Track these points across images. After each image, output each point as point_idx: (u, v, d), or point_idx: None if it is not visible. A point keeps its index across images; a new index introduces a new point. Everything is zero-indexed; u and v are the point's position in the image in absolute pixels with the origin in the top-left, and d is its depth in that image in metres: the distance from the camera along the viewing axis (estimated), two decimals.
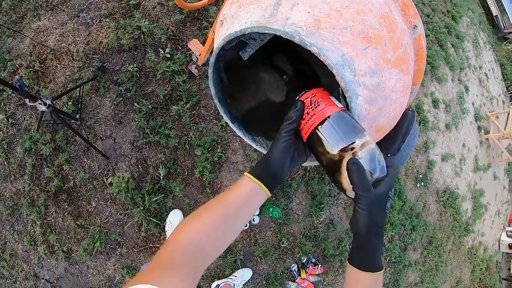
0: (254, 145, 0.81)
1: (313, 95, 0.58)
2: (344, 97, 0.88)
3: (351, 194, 0.50)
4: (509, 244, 5.24)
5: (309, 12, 0.56)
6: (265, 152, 0.81)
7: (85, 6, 2.09)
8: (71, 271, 1.91)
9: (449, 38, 4.33)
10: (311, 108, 0.55)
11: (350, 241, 2.49)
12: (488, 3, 7.08)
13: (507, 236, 5.30)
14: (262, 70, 1.03)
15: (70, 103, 1.97)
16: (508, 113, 4.83)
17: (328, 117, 0.52)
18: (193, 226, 0.52)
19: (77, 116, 1.87)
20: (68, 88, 1.92)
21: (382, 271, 0.53)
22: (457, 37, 4.50)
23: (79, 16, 2.08)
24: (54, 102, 1.58)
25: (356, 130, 0.50)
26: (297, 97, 0.60)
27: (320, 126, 0.52)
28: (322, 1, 0.57)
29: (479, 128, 4.63)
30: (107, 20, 2.06)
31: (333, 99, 0.56)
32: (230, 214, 0.53)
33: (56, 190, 1.91)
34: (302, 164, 0.64)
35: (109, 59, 2.02)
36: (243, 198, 0.54)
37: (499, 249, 5.28)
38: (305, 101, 0.57)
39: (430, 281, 3.25)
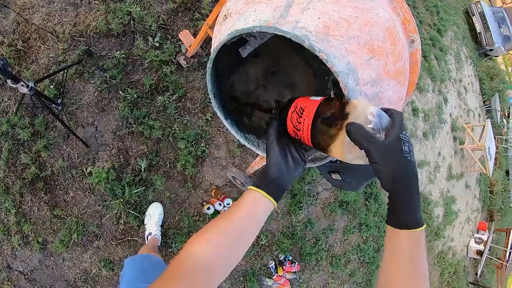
0: (246, 143, 0.82)
1: (295, 106, 0.60)
2: (333, 88, 0.90)
3: (348, 157, 0.50)
4: (477, 250, 5.51)
5: (319, 18, 0.57)
6: (256, 151, 0.83)
7: None
8: (46, 263, 1.85)
9: (433, 50, 4.49)
10: (300, 116, 0.58)
11: (326, 240, 2.55)
12: (473, 19, 7.39)
13: (475, 242, 5.56)
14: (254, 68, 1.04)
15: (52, 86, 1.90)
16: (484, 126, 5.07)
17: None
18: (205, 242, 0.53)
19: (59, 101, 1.80)
20: (51, 71, 1.85)
21: (421, 228, 0.47)
22: (440, 50, 4.67)
23: None
24: (36, 85, 1.52)
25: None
26: (284, 114, 0.64)
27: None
28: (332, 8, 0.58)
29: (454, 138, 4.84)
30: (97, 2, 2.00)
31: (312, 98, 0.59)
32: (236, 227, 0.55)
33: (32, 177, 1.83)
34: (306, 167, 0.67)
35: (95, 43, 1.97)
36: (246, 210, 0.56)
37: (467, 254, 5.54)
38: (292, 114, 0.61)
39: None
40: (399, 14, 0.71)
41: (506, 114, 7.92)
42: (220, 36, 0.73)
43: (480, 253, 5.47)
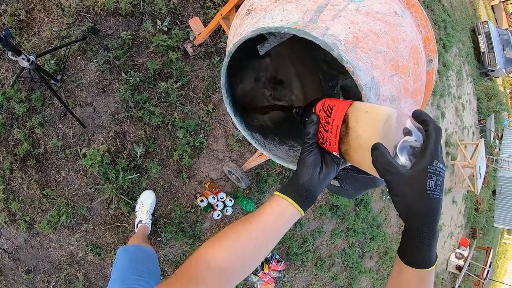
0: (253, 142, 0.80)
1: (323, 104, 0.58)
2: (342, 94, 0.89)
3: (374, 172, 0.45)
4: (456, 265, 5.63)
5: (349, 28, 0.56)
6: (262, 151, 0.81)
7: None
8: (32, 243, 1.81)
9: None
10: (328, 116, 0.54)
11: (313, 242, 2.57)
12: (479, 38, 7.46)
13: (456, 257, 5.69)
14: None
15: (52, 61, 1.85)
16: (477, 145, 5.15)
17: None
18: (219, 245, 0.51)
19: (58, 77, 1.76)
20: (53, 46, 1.80)
21: (430, 269, 0.44)
22: (443, 65, 4.72)
23: None
24: (37, 59, 1.48)
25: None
26: (311, 110, 0.60)
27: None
28: (363, 20, 0.57)
29: (447, 153, 4.91)
30: None
31: (341, 99, 0.57)
32: (255, 234, 0.51)
33: (24, 154, 1.78)
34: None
35: (102, 21, 1.92)
36: (269, 217, 0.52)
37: (447, 268, 5.67)
38: (320, 112, 0.57)
39: None
40: (421, 32, 0.71)
41: (499, 135, 8.06)
42: (241, 30, 0.71)
43: (459, 268, 5.60)
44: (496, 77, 8.44)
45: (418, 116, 0.43)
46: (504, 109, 8.65)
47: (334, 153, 0.54)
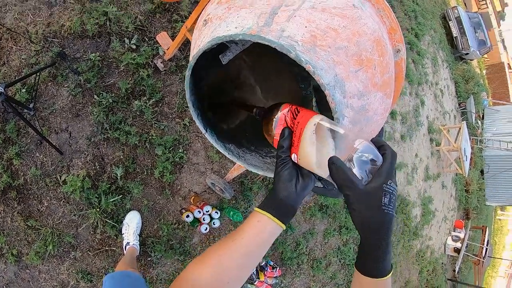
0: (226, 154, 0.79)
1: (290, 106, 0.58)
2: (318, 108, 0.89)
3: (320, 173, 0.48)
4: (454, 247, 5.71)
5: (306, 27, 0.54)
6: (237, 161, 0.80)
7: None
8: (22, 276, 1.77)
9: (411, 54, 4.62)
10: (294, 117, 0.55)
11: (307, 244, 2.57)
12: (450, 24, 7.66)
13: (453, 240, 5.77)
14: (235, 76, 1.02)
15: (24, 90, 1.82)
16: (459, 128, 5.26)
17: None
18: (203, 264, 0.52)
19: (31, 106, 1.73)
20: (23, 74, 1.77)
21: (385, 278, 0.47)
22: (418, 54, 4.81)
23: None
24: (6, 90, 1.45)
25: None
26: (277, 111, 0.60)
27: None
28: (320, 17, 0.55)
29: (431, 140, 4.99)
30: (72, 1, 1.92)
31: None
32: (239, 251, 0.52)
33: (4, 186, 1.75)
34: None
35: (70, 45, 1.90)
36: (250, 233, 0.53)
37: (445, 252, 5.74)
38: (287, 113, 0.57)
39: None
40: (385, 23, 0.70)
41: (481, 116, 8.26)
42: (199, 42, 0.69)
43: (457, 250, 5.68)
44: (471, 60, 8.65)
45: (377, 141, 0.46)
46: (482, 90, 8.88)
47: (293, 154, 0.55)
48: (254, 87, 1.10)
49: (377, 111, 0.64)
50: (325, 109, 0.90)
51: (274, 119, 0.60)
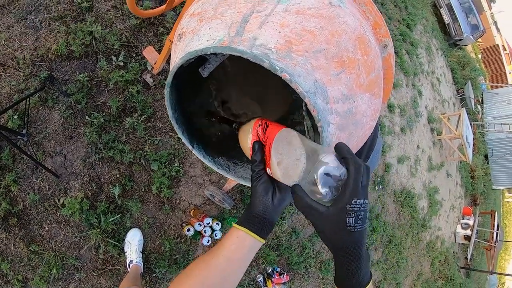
0: (215, 168, 0.77)
1: (261, 121, 0.58)
2: (308, 113, 0.86)
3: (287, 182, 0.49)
4: (464, 235, 5.65)
5: (279, 32, 0.51)
6: (227, 175, 0.79)
7: (33, 8, 1.92)
8: None
9: (404, 45, 4.59)
10: (263, 133, 0.56)
11: (313, 247, 2.54)
12: (441, 12, 7.62)
13: (462, 228, 5.71)
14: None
15: (15, 116, 1.82)
16: (459, 115, 5.21)
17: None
18: (185, 282, 0.52)
19: (24, 132, 1.73)
20: (14, 100, 1.76)
21: None
22: (411, 44, 4.78)
23: (27, 18, 1.91)
24: None
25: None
26: (250, 126, 0.61)
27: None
28: (294, 20, 0.52)
29: (432, 129, 4.95)
30: (57, 23, 1.92)
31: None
32: (220, 267, 0.53)
33: (5, 214, 1.75)
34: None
35: (58, 67, 1.89)
36: (229, 249, 0.53)
37: (455, 240, 5.68)
38: (258, 128, 0.57)
39: (392, 277, 3.40)
40: (368, 18, 0.65)
41: (480, 101, 8.20)
42: (175, 57, 0.67)
43: (468, 238, 5.62)
44: (465, 45, 8.61)
45: (339, 152, 0.44)
46: (479, 74, 8.83)
47: (267, 168, 0.54)
48: (240, 95, 1.07)
49: (365, 113, 0.60)
50: None
51: (248, 135, 0.60)
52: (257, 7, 0.55)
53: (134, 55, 2.02)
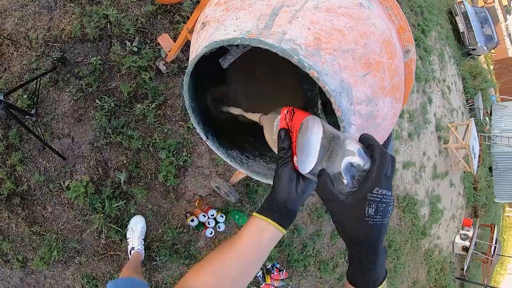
0: (228, 161, 0.76)
1: (288, 108, 0.56)
2: (324, 111, 0.85)
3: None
4: (462, 246, 5.63)
5: (309, 29, 0.50)
6: (239, 169, 0.77)
7: None
8: (27, 281, 1.77)
9: (418, 51, 4.54)
10: (290, 119, 0.54)
11: (314, 246, 2.54)
12: (456, 19, 7.52)
13: (461, 238, 5.68)
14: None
15: (25, 96, 1.81)
16: (467, 125, 5.17)
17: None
18: (203, 272, 0.51)
19: (33, 112, 1.72)
20: (25, 79, 1.76)
21: None
22: (425, 50, 4.73)
23: None
24: (6, 97, 1.44)
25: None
26: (277, 114, 0.58)
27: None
28: (324, 17, 0.52)
29: (439, 137, 4.91)
30: (72, 5, 1.91)
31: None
32: (237, 258, 0.51)
33: (8, 193, 1.74)
34: None
35: (70, 49, 1.88)
36: (248, 240, 0.51)
37: (453, 251, 5.66)
38: (287, 114, 0.55)
39: (389, 282, 3.40)
40: (394, 22, 0.66)
41: (489, 112, 8.13)
42: (197, 46, 0.66)
43: (465, 249, 5.59)
44: (478, 55, 8.50)
45: (365, 141, 0.43)
46: (490, 86, 8.73)
47: (294, 157, 0.52)
48: (252, 91, 1.06)
49: (386, 116, 0.60)
50: (331, 112, 0.86)
51: (275, 123, 0.58)
52: (287, 1, 0.54)
53: (148, 41, 2.00)
